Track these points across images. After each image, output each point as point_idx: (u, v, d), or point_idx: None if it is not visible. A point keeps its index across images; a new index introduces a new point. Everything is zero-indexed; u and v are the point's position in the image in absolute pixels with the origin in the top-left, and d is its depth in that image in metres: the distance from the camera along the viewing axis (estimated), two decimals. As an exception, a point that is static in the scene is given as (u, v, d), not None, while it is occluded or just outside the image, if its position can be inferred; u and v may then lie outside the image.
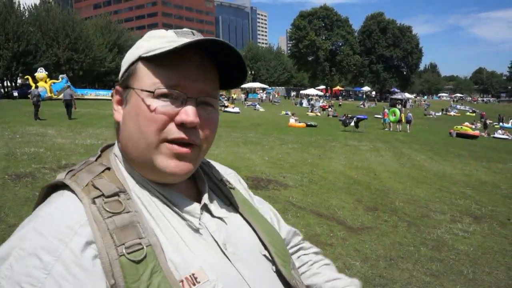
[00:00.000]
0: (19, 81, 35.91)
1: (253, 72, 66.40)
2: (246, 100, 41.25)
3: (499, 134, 26.87)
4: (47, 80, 27.64)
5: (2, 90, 33.80)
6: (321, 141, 14.28)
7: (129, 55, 0.67)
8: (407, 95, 57.32)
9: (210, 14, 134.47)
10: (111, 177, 0.64)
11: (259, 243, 0.72)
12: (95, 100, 29.83)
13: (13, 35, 30.49)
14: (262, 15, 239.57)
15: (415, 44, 71.67)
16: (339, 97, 60.10)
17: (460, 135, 23.03)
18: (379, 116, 27.56)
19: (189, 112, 0.61)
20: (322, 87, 67.16)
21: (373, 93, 70.05)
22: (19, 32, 30.88)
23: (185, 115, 0.61)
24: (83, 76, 38.22)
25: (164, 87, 0.61)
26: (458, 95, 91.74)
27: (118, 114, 0.68)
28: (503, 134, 26.71)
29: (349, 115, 22.70)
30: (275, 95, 50.00)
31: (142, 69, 0.63)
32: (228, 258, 0.65)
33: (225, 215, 0.72)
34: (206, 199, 0.70)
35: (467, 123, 29.38)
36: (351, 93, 69.78)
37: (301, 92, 58.42)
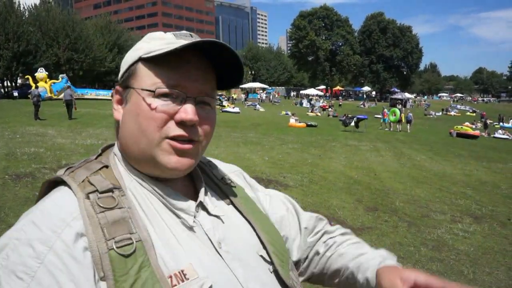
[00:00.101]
0: (19, 81, 35.94)
1: (253, 72, 66.46)
2: (246, 100, 41.29)
3: (500, 134, 26.89)
4: (47, 80, 27.65)
5: (2, 90, 33.82)
6: (321, 141, 14.28)
7: (129, 56, 0.68)
8: (407, 95, 57.39)
9: (210, 14, 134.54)
10: (108, 175, 0.65)
11: (258, 243, 0.72)
12: (95, 100, 29.84)
13: (13, 35, 30.50)
14: (262, 15, 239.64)
15: (415, 44, 71.69)
16: (339, 97, 60.14)
17: (460, 135, 23.03)
18: (379, 116, 27.57)
19: (189, 111, 0.63)
20: (322, 87, 67.22)
21: (373, 93, 70.10)
22: (19, 32, 30.90)
23: (185, 114, 0.63)
24: (83, 76, 38.25)
25: (165, 87, 0.63)
26: (458, 95, 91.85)
27: (118, 113, 0.69)
28: (504, 134, 26.73)
29: (349, 115, 22.72)
30: (275, 95, 50.01)
31: (142, 70, 0.65)
32: (222, 257, 0.65)
33: (223, 214, 0.72)
34: (202, 197, 0.71)
35: (468, 123, 29.39)
36: (351, 93, 69.84)
37: (301, 92, 58.47)
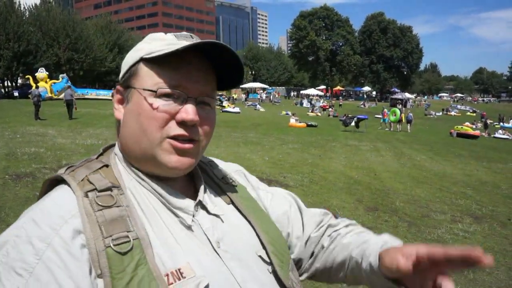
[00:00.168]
0: (20, 81, 35.94)
1: (254, 72, 66.44)
2: (247, 100, 41.28)
3: (500, 134, 26.88)
4: (48, 80, 27.66)
5: (3, 90, 33.82)
6: (322, 141, 14.28)
7: (130, 57, 0.69)
8: (408, 95, 57.35)
9: (211, 14, 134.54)
10: (107, 174, 0.66)
11: (257, 243, 0.72)
12: (96, 100, 29.85)
13: (14, 35, 30.51)
14: (263, 15, 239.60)
15: (416, 44, 71.67)
16: (340, 97, 60.09)
17: (461, 135, 23.02)
18: (380, 116, 27.57)
19: (189, 111, 0.64)
20: (323, 87, 67.16)
21: (374, 93, 70.10)
22: (20, 32, 30.90)
23: (185, 114, 0.64)
24: (84, 76, 38.25)
25: (167, 87, 0.64)
26: (459, 95, 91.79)
27: (119, 113, 0.70)
28: (504, 134, 26.72)
29: (350, 115, 22.71)
30: (276, 95, 49.98)
31: (144, 70, 0.66)
32: (220, 256, 0.65)
33: (222, 213, 0.72)
34: (201, 196, 0.71)
35: (468, 123, 29.39)
36: (352, 93, 69.83)
37: (302, 92, 58.42)
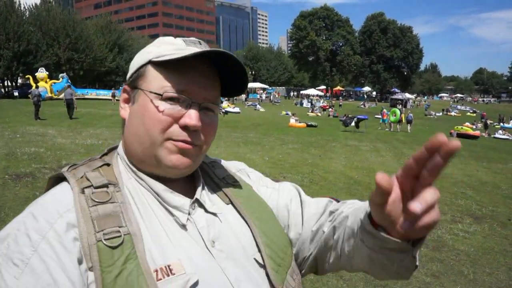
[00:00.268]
0: (20, 81, 35.95)
1: (254, 72, 66.43)
2: (247, 100, 41.27)
3: (500, 134, 26.87)
4: (48, 80, 27.67)
5: (3, 90, 33.81)
6: (322, 141, 14.28)
7: (139, 58, 0.71)
8: (408, 95, 57.31)
9: (211, 14, 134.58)
10: (107, 172, 0.68)
11: (254, 245, 0.71)
12: (96, 100, 29.88)
13: (14, 35, 30.52)
14: (263, 15, 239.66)
15: (416, 45, 71.67)
16: (340, 97, 60.11)
17: (461, 135, 23.00)
18: (379, 117, 27.57)
19: (193, 116, 0.65)
20: (323, 87, 67.20)
21: (374, 93, 70.10)
22: (20, 32, 30.91)
23: (189, 119, 0.65)
24: (84, 76, 38.27)
25: (173, 91, 0.65)
26: (459, 96, 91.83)
27: (125, 112, 0.72)
28: (504, 134, 26.71)
29: (350, 115, 22.71)
30: (276, 95, 49.99)
31: (151, 72, 0.68)
32: (213, 255, 0.65)
33: (220, 212, 0.72)
34: (199, 194, 0.71)
35: (468, 123, 29.39)
36: (352, 93, 69.86)
37: (302, 92, 58.45)
